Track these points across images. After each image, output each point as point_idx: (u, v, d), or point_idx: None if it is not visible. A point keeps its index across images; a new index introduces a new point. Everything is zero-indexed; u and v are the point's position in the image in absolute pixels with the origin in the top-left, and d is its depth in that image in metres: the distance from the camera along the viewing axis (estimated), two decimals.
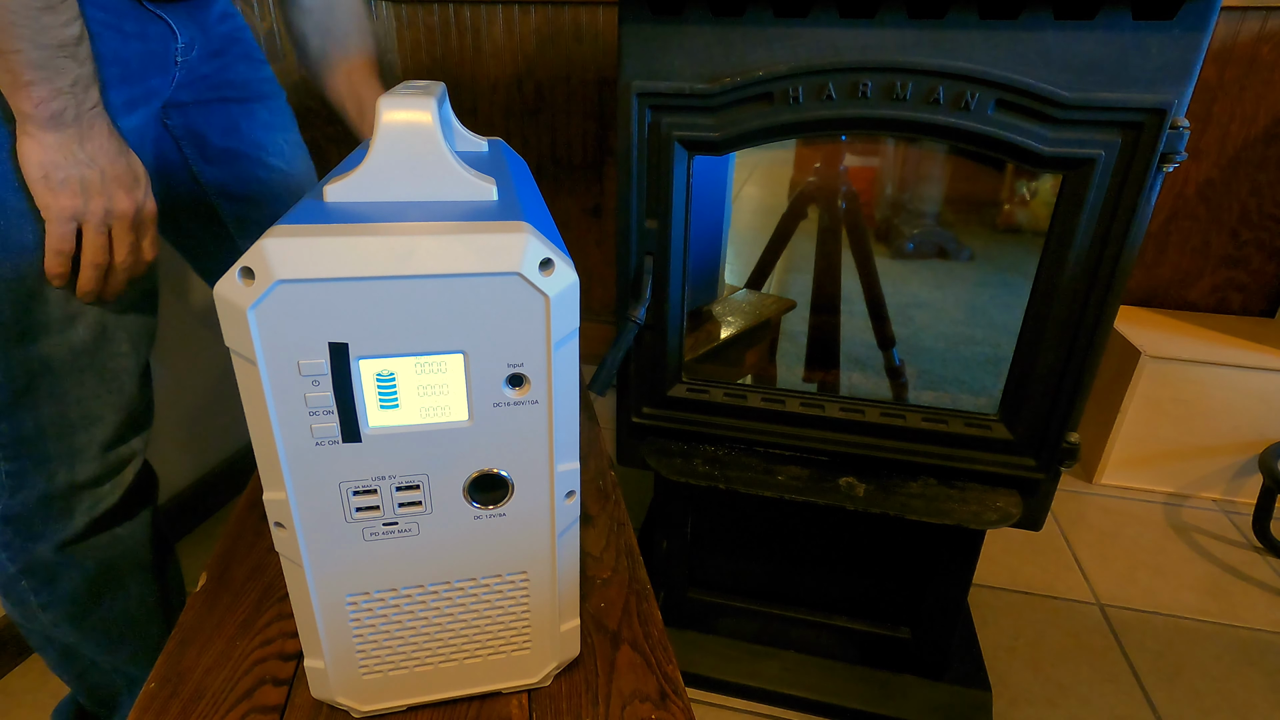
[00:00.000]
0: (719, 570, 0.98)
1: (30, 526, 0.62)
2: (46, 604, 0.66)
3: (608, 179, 1.71)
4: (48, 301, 0.55)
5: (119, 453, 0.64)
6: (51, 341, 0.56)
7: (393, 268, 0.32)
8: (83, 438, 0.61)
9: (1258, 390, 1.30)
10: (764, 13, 0.64)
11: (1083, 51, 0.60)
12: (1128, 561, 1.23)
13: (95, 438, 0.61)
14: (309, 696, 0.45)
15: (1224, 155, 1.39)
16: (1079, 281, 0.67)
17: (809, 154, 0.89)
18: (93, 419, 0.61)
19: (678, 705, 0.45)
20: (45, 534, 0.62)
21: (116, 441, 0.63)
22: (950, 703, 0.91)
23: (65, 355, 0.57)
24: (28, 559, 0.63)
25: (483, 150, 0.54)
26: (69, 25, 0.48)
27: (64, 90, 0.49)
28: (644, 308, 0.75)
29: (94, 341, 0.59)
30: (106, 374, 0.60)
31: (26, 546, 0.63)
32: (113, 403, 0.62)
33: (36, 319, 0.55)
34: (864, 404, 0.81)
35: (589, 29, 1.56)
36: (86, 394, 0.60)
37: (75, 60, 0.49)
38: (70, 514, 0.63)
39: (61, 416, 0.59)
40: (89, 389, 0.60)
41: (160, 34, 0.60)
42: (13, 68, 0.47)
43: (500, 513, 0.40)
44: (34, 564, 0.64)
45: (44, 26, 0.47)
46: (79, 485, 0.62)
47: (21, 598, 0.66)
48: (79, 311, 0.57)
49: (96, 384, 0.60)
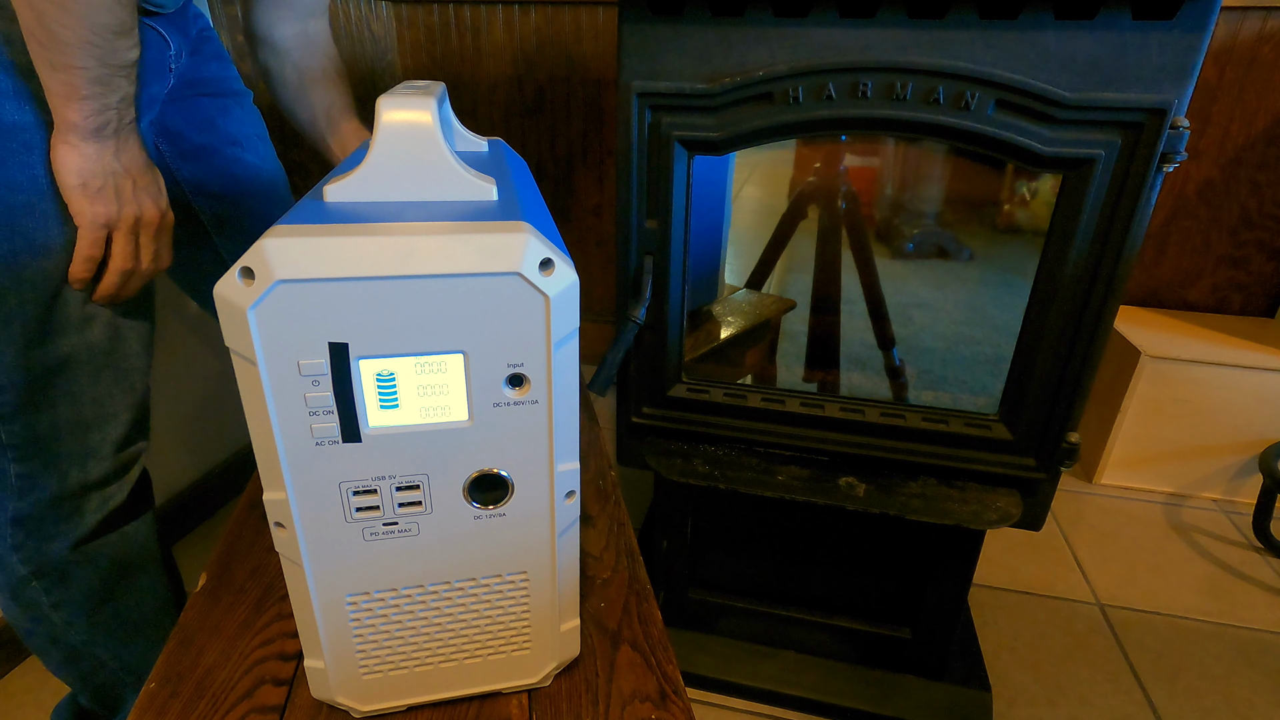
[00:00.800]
0: (719, 570, 0.98)
1: (42, 528, 0.62)
2: (59, 603, 0.66)
3: (608, 179, 1.71)
4: (68, 302, 0.57)
5: (129, 451, 0.66)
6: (71, 341, 0.58)
7: (393, 268, 0.32)
8: (97, 436, 0.62)
9: (1258, 390, 1.29)
10: (764, 13, 0.64)
11: (1083, 51, 0.60)
12: (1127, 561, 1.23)
13: (109, 436, 0.63)
14: (309, 696, 0.45)
15: (1224, 155, 1.39)
16: (1079, 281, 0.67)
17: (809, 154, 0.89)
18: (108, 417, 0.62)
19: (678, 705, 0.45)
20: (58, 534, 0.63)
21: (128, 441, 0.65)
22: (950, 703, 0.91)
23: (84, 354, 0.59)
24: (40, 560, 0.64)
25: (483, 150, 0.54)
26: (133, 49, 0.50)
27: (112, 106, 0.51)
28: (644, 308, 0.75)
29: (109, 341, 0.60)
30: (121, 373, 0.62)
31: (40, 548, 0.63)
32: (127, 401, 0.63)
33: (58, 319, 0.57)
34: (864, 404, 0.81)
35: (589, 29, 1.56)
36: (103, 392, 0.61)
37: (129, 80, 0.51)
38: (81, 514, 0.63)
39: (77, 416, 0.60)
40: (105, 387, 0.61)
41: (155, 42, 0.61)
42: (74, 82, 0.48)
43: (500, 513, 0.40)
44: (47, 565, 0.64)
45: (115, 49, 0.48)
46: (90, 485, 0.63)
47: (32, 599, 0.66)
48: (95, 313, 0.59)
49: (112, 383, 0.62)
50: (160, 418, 1.17)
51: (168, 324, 1.16)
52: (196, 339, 1.22)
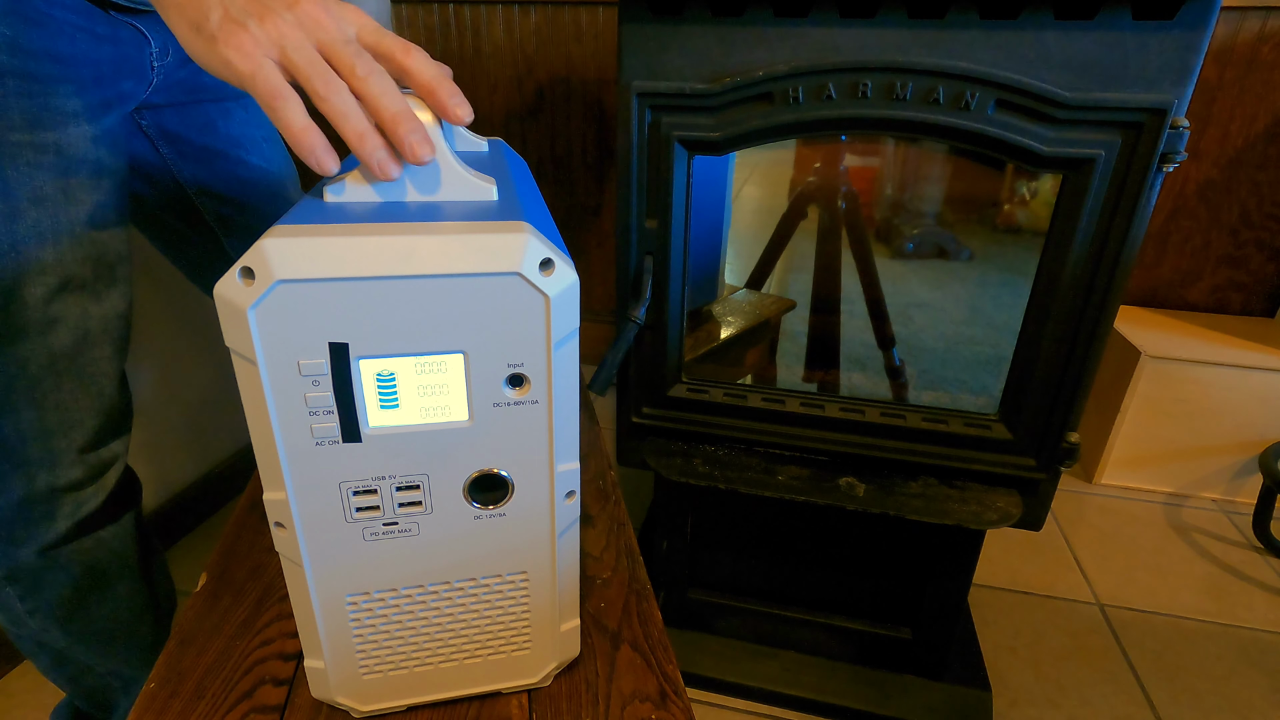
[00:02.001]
0: (719, 570, 0.98)
1: (11, 531, 0.61)
2: (33, 610, 0.65)
3: (608, 179, 1.71)
4: (26, 305, 0.54)
5: (100, 455, 0.63)
6: (31, 345, 0.55)
7: (393, 268, 0.32)
8: (61, 442, 0.59)
9: (1258, 390, 1.30)
10: (764, 13, 0.64)
11: (1083, 51, 0.60)
12: (1127, 561, 1.23)
13: (74, 442, 0.60)
14: (309, 696, 0.45)
15: (1224, 155, 1.39)
16: (1079, 281, 0.67)
17: (809, 154, 0.89)
18: (73, 423, 0.59)
19: (678, 705, 0.45)
20: (27, 538, 0.61)
21: (95, 445, 0.62)
22: (950, 703, 0.91)
23: (43, 359, 0.56)
24: (11, 564, 0.62)
25: (483, 150, 0.54)
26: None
27: None
28: (644, 308, 0.75)
29: (75, 346, 0.57)
30: (86, 378, 0.59)
31: (8, 551, 0.62)
32: (92, 407, 0.60)
33: (16, 322, 0.54)
34: (864, 404, 0.81)
35: (589, 29, 1.56)
36: (65, 398, 0.58)
37: None
38: (52, 518, 0.61)
39: (40, 421, 0.58)
40: (68, 393, 0.58)
41: (133, 38, 0.60)
42: None
43: (500, 513, 0.40)
44: (18, 569, 0.63)
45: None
46: (60, 489, 0.61)
47: (7, 604, 0.65)
48: (60, 316, 0.56)
49: (75, 388, 0.59)
50: (160, 418, 1.17)
51: (168, 324, 1.16)
52: (197, 339, 1.22)
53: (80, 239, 0.55)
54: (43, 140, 0.52)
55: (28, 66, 0.50)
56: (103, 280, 0.58)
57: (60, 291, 0.55)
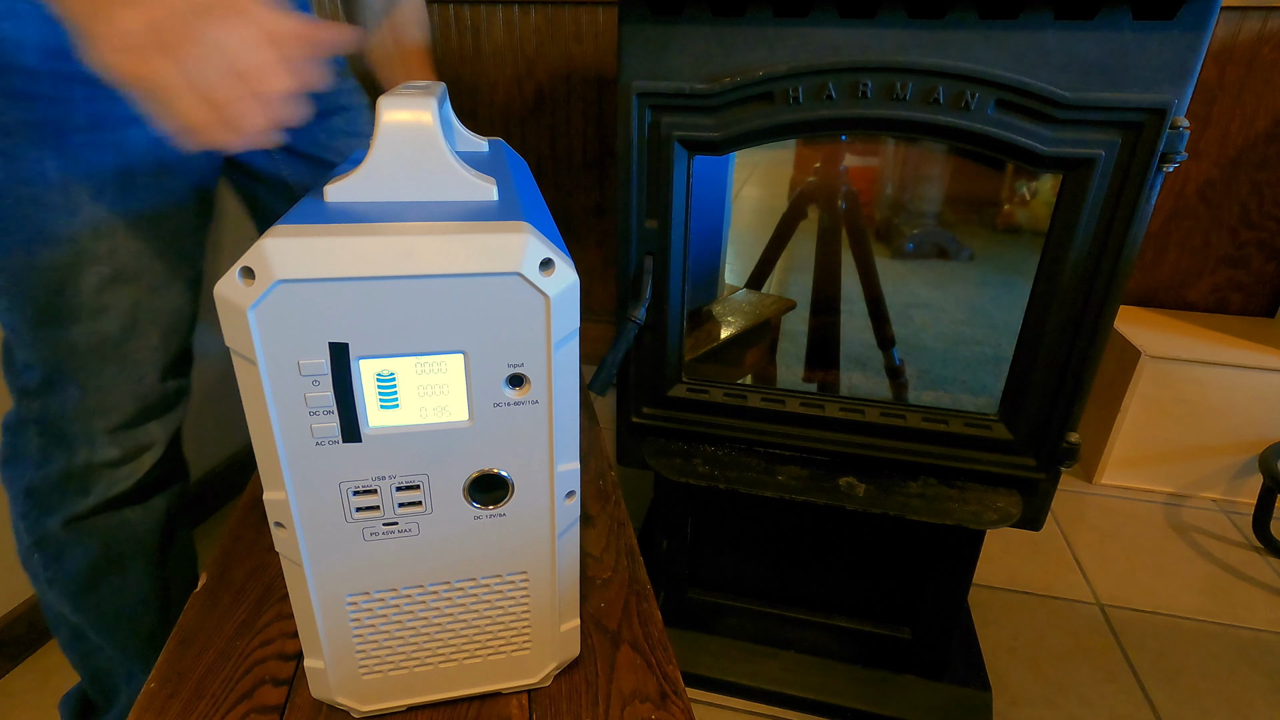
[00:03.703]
0: (719, 570, 0.98)
1: (48, 500, 0.65)
2: (52, 580, 0.69)
3: (608, 179, 1.71)
4: (80, 291, 0.57)
5: (136, 439, 0.66)
6: (82, 328, 0.59)
7: (393, 268, 0.32)
8: (100, 422, 0.63)
9: (1258, 390, 1.29)
10: (764, 13, 0.64)
11: (1083, 51, 0.60)
12: (1128, 561, 1.23)
13: (110, 423, 0.64)
14: (309, 696, 0.45)
15: (1224, 155, 1.39)
16: (1079, 281, 0.67)
17: (809, 154, 0.89)
18: (110, 407, 0.63)
19: (678, 705, 0.45)
20: (58, 508, 0.65)
21: (127, 427, 0.65)
22: (950, 703, 0.91)
23: (93, 342, 0.60)
24: (40, 532, 0.66)
25: (483, 150, 0.54)
26: None
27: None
28: (644, 308, 0.75)
29: (121, 333, 0.61)
30: (129, 365, 0.62)
31: (41, 519, 0.66)
32: (131, 392, 0.64)
33: (69, 305, 0.58)
34: (864, 404, 0.81)
35: (589, 29, 1.56)
36: (106, 382, 0.62)
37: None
38: (86, 493, 0.65)
39: (83, 400, 0.62)
40: (109, 377, 0.62)
41: None
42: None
43: (500, 513, 0.40)
44: (45, 537, 0.67)
45: None
46: (96, 465, 0.64)
47: (34, 571, 0.69)
48: (110, 304, 0.59)
49: (117, 373, 0.62)
50: None
51: None
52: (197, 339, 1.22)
53: (137, 234, 0.59)
54: (103, 140, 0.55)
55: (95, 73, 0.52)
56: (157, 274, 0.61)
57: (112, 282, 0.58)
